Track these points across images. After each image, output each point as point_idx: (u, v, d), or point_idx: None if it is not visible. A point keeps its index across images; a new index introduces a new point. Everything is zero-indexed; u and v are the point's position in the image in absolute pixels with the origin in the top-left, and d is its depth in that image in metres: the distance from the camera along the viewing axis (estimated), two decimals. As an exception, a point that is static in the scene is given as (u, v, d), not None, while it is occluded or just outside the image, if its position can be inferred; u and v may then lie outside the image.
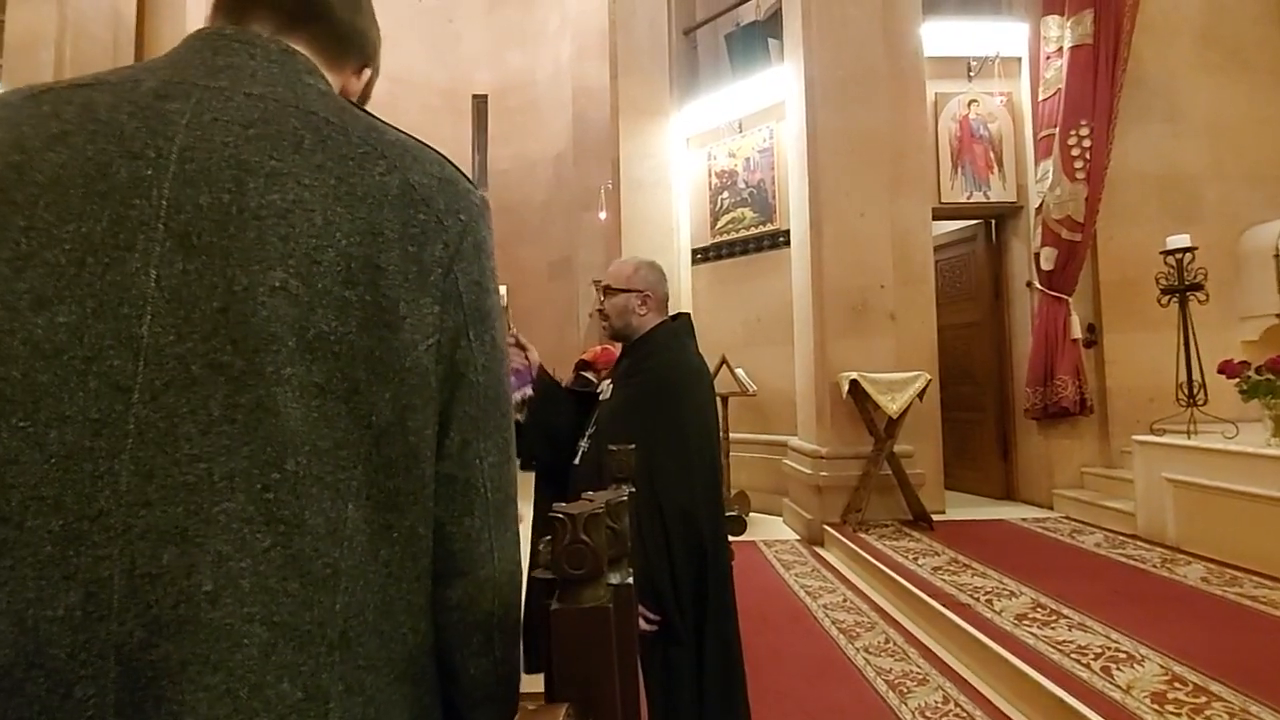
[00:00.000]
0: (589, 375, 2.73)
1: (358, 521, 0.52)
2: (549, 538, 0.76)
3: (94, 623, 0.45)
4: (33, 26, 5.29)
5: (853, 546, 4.03)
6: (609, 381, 1.78)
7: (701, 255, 6.30)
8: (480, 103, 10.85)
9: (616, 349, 3.45)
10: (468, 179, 0.64)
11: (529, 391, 1.78)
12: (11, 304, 0.46)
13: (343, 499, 0.51)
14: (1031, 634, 2.64)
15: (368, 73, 0.74)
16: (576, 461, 1.69)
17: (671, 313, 1.84)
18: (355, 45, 0.70)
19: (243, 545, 0.47)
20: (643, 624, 1.50)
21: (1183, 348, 4.04)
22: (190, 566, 0.46)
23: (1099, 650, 2.47)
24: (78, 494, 0.45)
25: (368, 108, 0.69)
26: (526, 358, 1.74)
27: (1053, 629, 2.69)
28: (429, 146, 0.63)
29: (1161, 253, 4.16)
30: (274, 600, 0.48)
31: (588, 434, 1.71)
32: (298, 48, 0.61)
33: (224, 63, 0.56)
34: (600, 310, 1.80)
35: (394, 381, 0.53)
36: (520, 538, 0.66)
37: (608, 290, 1.77)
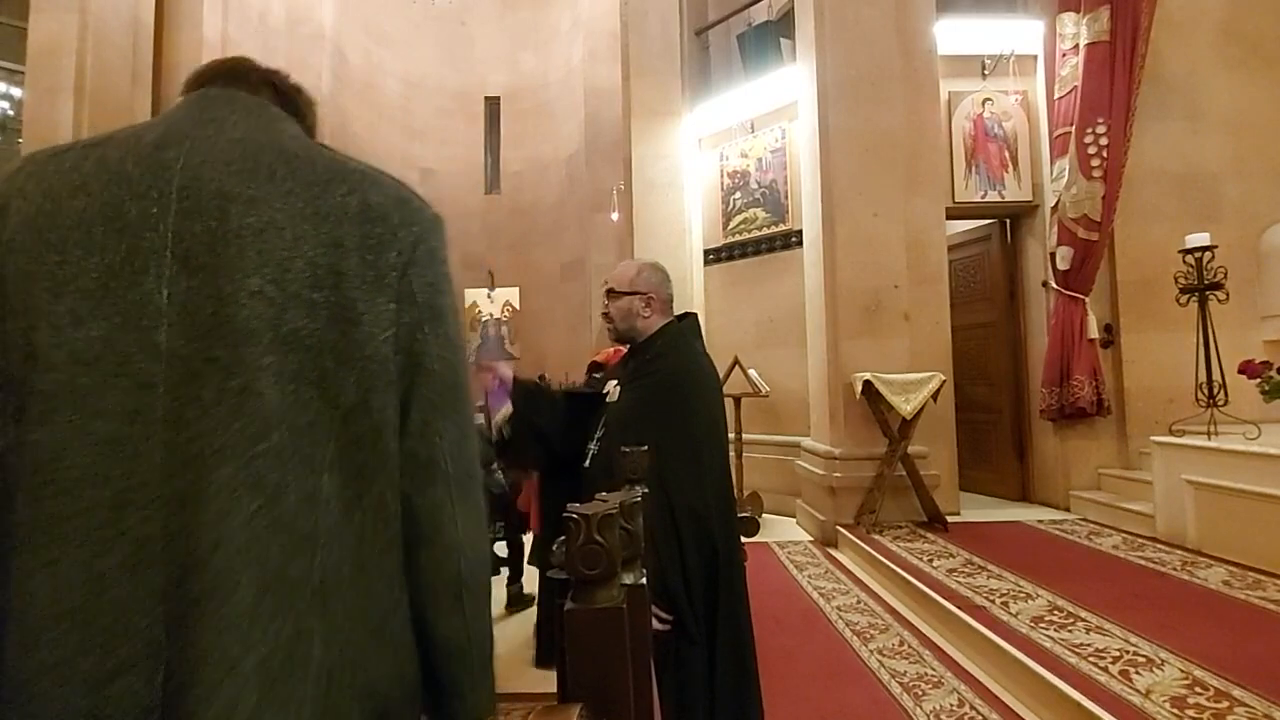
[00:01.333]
0: (596, 375, 2.73)
1: (331, 489, 0.61)
2: (563, 538, 0.77)
3: (144, 569, 0.56)
4: (54, 34, 5.39)
5: (866, 548, 4.01)
6: (614, 383, 1.78)
7: (714, 256, 6.29)
8: (493, 105, 10.93)
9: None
10: (421, 200, 0.74)
11: (509, 409, 1.83)
12: (55, 323, 0.58)
13: (318, 470, 0.61)
14: (1048, 637, 2.62)
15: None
16: (586, 464, 1.70)
17: (678, 313, 1.84)
18: (299, 109, 0.82)
19: (236, 506, 0.57)
20: (656, 624, 1.51)
21: (1202, 347, 3.98)
22: (197, 523, 0.56)
23: (1117, 654, 2.44)
24: (121, 470, 0.56)
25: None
26: (497, 376, 1.79)
27: (1070, 632, 2.66)
28: (389, 175, 0.73)
29: (1180, 251, 4.10)
30: (264, 552, 0.57)
31: (596, 436, 1.71)
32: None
33: (210, 115, 0.69)
34: (605, 314, 1.79)
35: (356, 368, 0.63)
36: (484, 509, 0.74)
37: (611, 293, 1.76)
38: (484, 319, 10.17)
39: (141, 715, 0.55)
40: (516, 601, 3.71)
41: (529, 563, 3.72)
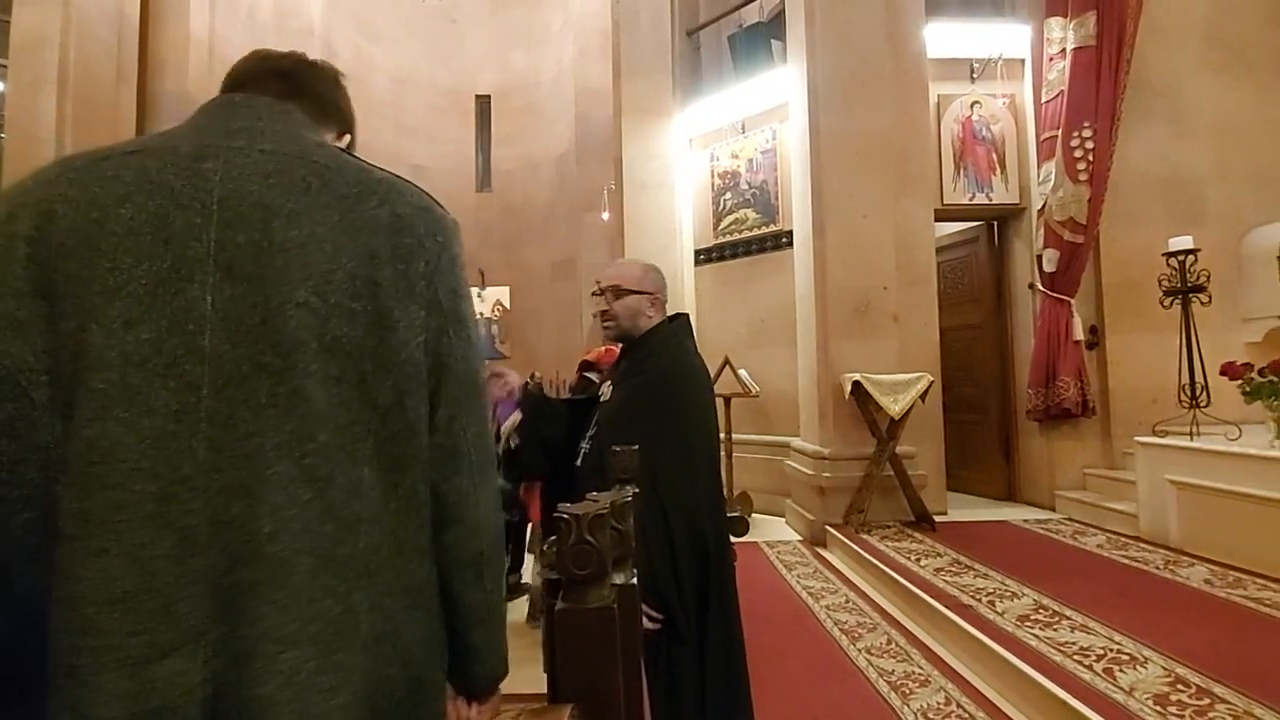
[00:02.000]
0: (592, 376, 2.73)
1: (372, 480, 0.68)
2: (554, 538, 0.77)
3: (188, 557, 0.60)
4: (37, 27, 5.31)
5: (855, 547, 4.03)
6: (608, 383, 1.78)
7: (704, 256, 6.30)
8: (484, 103, 10.89)
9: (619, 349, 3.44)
10: (440, 206, 0.81)
11: (518, 416, 1.83)
12: (107, 325, 0.62)
13: (359, 463, 0.68)
14: (1034, 635, 2.64)
15: (347, 138, 0.92)
16: (578, 463, 1.70)
17: (670, 313, 1.84)
18: (335, 116, 0.89)
19: (290, 498, 0.63)
20: (646, 623, 1.51)
21: (1185, 349, 4.03)
22: (253, 514, 0.62)
23: (1101, 652, 2.47)
24: (168, 465, 0.61)
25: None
26: (506, 383, 1.79)
27: (1055, 630, 2.69)
28: (407, 181, 0.79)
29: (1164, 254, 4.15)
30: (315, 538, 0.64)
31: (588, 435, 1.71)
32: (294, 109, 0.80)
33: (237, 125, 0.72)
34: (605, 312, 1.77)
35: (393, 371, 0.70)
36: (497, 490, 0.83)
37: (619, 291, 1.74)
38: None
39: (186, 695, 0.59)
40: (513, 592, 3.72)
41: (529, 551, 3.83)
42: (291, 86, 0.82)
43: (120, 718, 0.58)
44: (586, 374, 2.82)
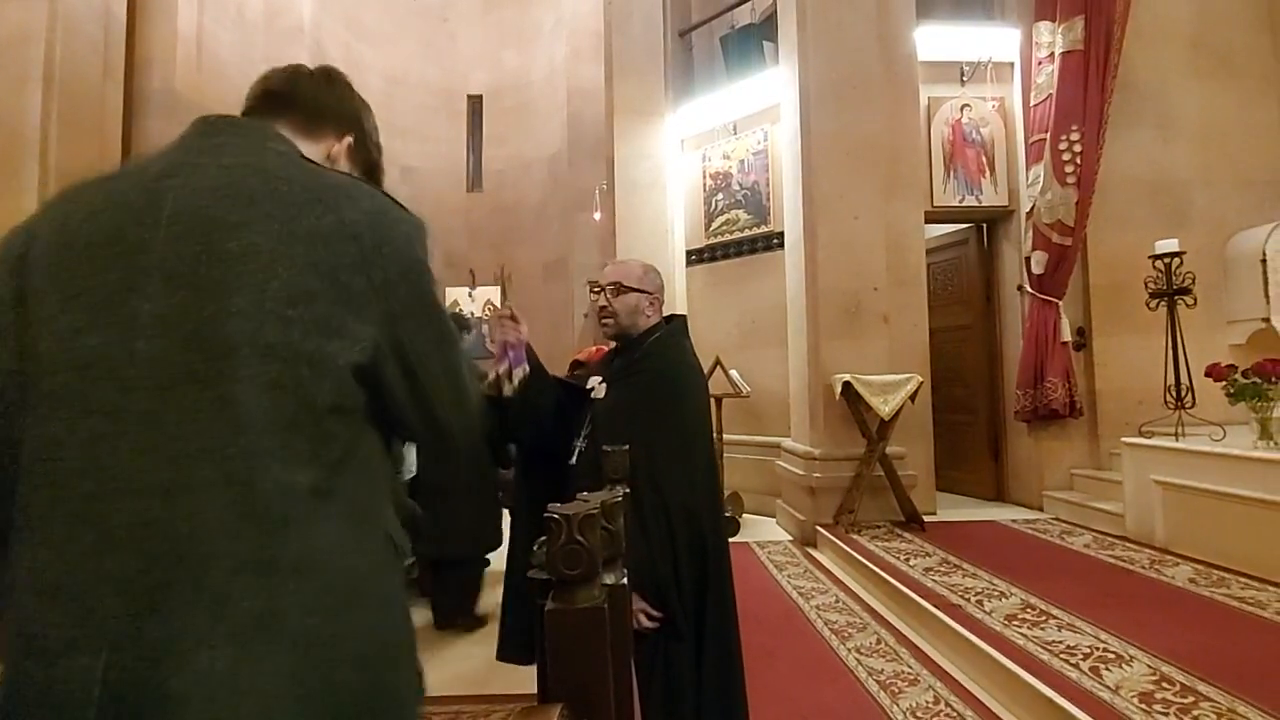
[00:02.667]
0: (579, 372, 2.72)
1: (307, 482, 0.68)
2: (544, 539, 0.77)
3: (105, 555, 0.62)
4: (23, 23, 5.24)
5: (845, 547, 4.05)
6: (601, 381, 1.77)
7: (696, 257, 6.31)
8: (475, 103, 10.85)
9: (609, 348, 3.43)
10: (400, 207, 0.81)
11: (526, 368, 1.70)
12: (60, 333, 0.67)
13: (291, 466, 0.67)
14: (1021, 634, 2.66)
15: (348, 139, 0.94)
16: (573, 461, 1.70)
17: (665, 314, 1.84)
18: (328, 119, 0.92)
19: (210, 500, 0.63)
20: (645, 621, 1.51)
21: (1171, 351, 4.08)
22: (173, 515, 0.63)
23: (1088, 650, 2.49)
24: (98, 465, 0.63)
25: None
26: (520, 332, 1.66)
27: (1042, 629, 2.71)
28: (366, 187, 0.81)
29: (1150, 257, 4.20)
30: (235, 540, 0.64)
31: (583, 434, 1.71)
32: (280, 127, 0.84)
33: (210, 143, 0.77)
34: (604, 308, 1.76)
35: (331, 375, 0.70)
36: (478, 395, 0.90)
37: (620, 288, 1.74)
38: (467, 313, 10.10)
39: (84, 692, 0.59)
40: (476, 622, 3.40)
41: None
42: (282, 102, 0.88)
43: (30, 707, 0.60)
44: (577, 373, 2.82)
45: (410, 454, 3.07)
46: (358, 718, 0.68)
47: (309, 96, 0.91)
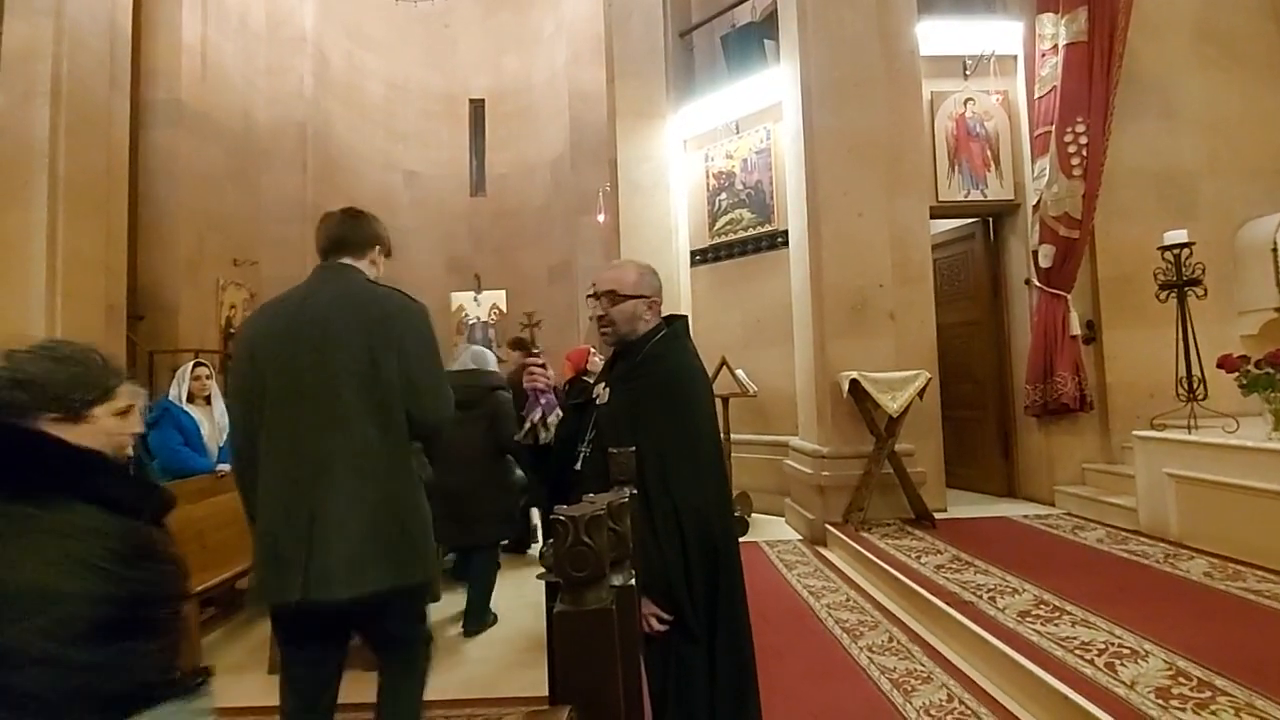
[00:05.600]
0: (588, 380, 2.72)
1: (375, 434, 1.72)
2: (552, 540, 0.77)
3: (301, 486, 1.68)
4: (29, 38, 5.29)
5: (855, 546, 4.03)
6: (604, 385, 1.76)
7: (700, 257, 6.30)
8: (477, 107, 10.89)
9: (588, 349, 3.43)
10: (409, 300, 1.84)
11: (559, 413, 1.80)
12: (272, 374, 1.73)
13: (369, 426, 1.71)
14: (1035, 631, 2.64)
15: (378, 247, 1.93)
16: (578, 467, 1.69)
17: (666, 314, 1.83)
18: (373, 242, 1.91)
19: (341, 447, 1.69)
20: (656, 625, 1.50)
21: (1182, 343, 4.04)
22: (328, 458, 1.68)
23: (1102, 646, 2.47)
24: (291, 433, 1.71)
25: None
26: (549, 378, 1.78)
27: (1056, 625, 2.69)
28: (397, 291, 1.85)
29: (1159, 248, 4.16)
30: (350, 464, 1.69)
31: (587, 439, 1.70)
32: (344, 257, 1.86)
33: (322, 279, 1.84)
34: (602, 317, 1.74)
35: (382, 384, 1.73)
36: (444, 392, 1.88)
37: (615, 297, 1.72)
38: (470, 321, 10.13)
39: (302, 524, 1.64)
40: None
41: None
42: (342, 243, 1.87)
43: (278, 533, 1.66)
44: (584, 378, 2.82)
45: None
46: (395, 542, 1.69)
47: (353, 234, 1.88)
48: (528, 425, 1.82)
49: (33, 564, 0.94)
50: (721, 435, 4.30)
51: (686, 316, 1.87)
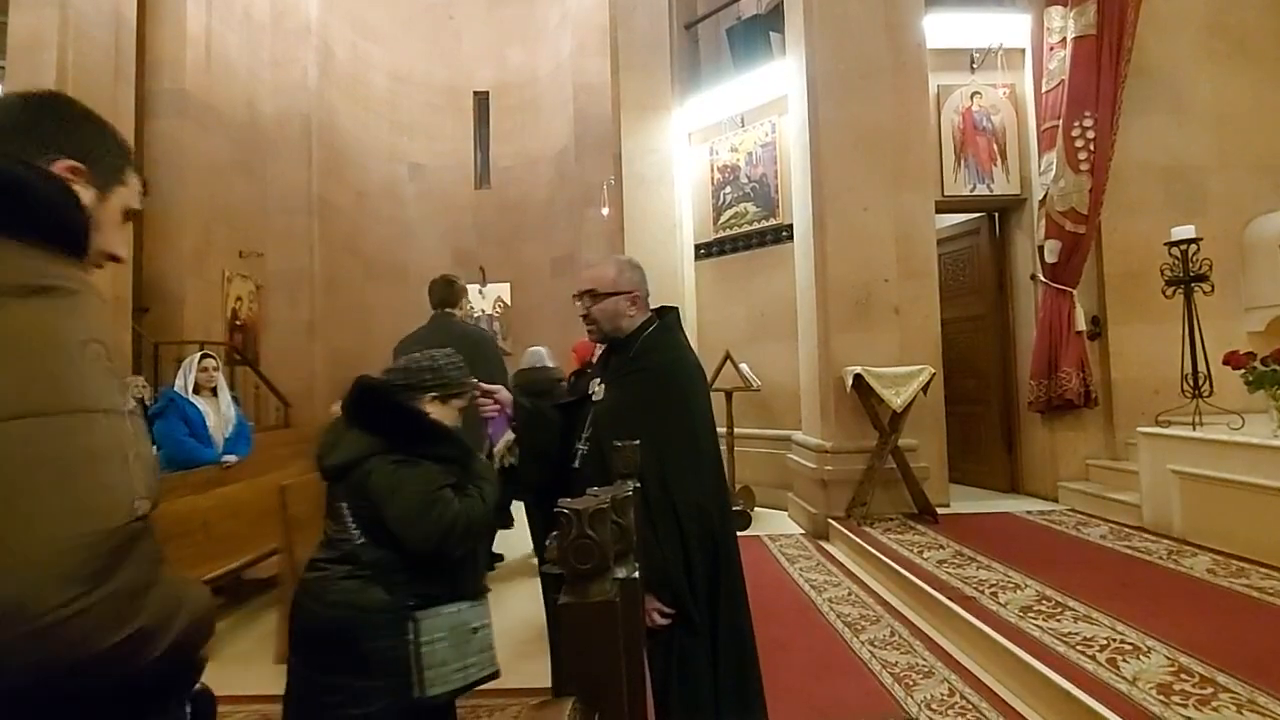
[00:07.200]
0: (590, 370, 2.74)
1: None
2: (555, 533, 0.77)
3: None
4: (35, 29, 5.30)
5: (857, 540, 4.04)
6: (599, 381, 1.76)
7: (704, 250, 6.29)
8: (482, 100, 10.85)
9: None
10: (482, 330, 5.35)
11: (510, 435, 1.86)
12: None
13: None
14: (1037, 626, 2.65)
15: (463, 299, 3.88)
16: (575, 465, 1.69)
17: (666, 306, 1.83)
18: (461, 296, 3.83)
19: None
20: (659, 619, 1.51)
21: (1188, 339, 4.02)
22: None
23: (1105, 642, 2.47)
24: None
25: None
26: (496, 401, 1.78)
27: (1058, 621, 2.69)
28: (474, 324, 4.78)
29: (1166, 244, 4.13)
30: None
31: (584, 436, 1.70)
32: (447, 308, 3.74)
33: (441, 324, 3.64)
34: (585, 316, 1.75)
35: (483, 368, 2.72)
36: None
37: (595, 295, 1.72)
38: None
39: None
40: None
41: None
42: (443, 297, 3.69)
43: None
44: (589, 370, 2.82)
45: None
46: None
47: (452, 294, 3.69)
48: (495, 458, 1.96)
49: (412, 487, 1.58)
50: (722, 429, 4.29)
51: (677, 308, 1.85)
